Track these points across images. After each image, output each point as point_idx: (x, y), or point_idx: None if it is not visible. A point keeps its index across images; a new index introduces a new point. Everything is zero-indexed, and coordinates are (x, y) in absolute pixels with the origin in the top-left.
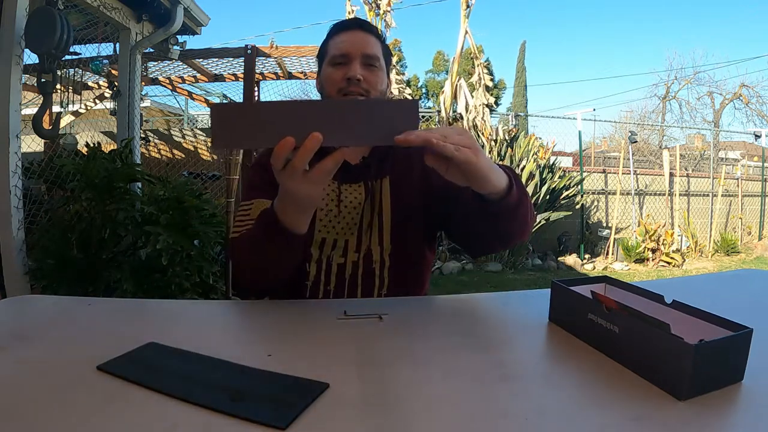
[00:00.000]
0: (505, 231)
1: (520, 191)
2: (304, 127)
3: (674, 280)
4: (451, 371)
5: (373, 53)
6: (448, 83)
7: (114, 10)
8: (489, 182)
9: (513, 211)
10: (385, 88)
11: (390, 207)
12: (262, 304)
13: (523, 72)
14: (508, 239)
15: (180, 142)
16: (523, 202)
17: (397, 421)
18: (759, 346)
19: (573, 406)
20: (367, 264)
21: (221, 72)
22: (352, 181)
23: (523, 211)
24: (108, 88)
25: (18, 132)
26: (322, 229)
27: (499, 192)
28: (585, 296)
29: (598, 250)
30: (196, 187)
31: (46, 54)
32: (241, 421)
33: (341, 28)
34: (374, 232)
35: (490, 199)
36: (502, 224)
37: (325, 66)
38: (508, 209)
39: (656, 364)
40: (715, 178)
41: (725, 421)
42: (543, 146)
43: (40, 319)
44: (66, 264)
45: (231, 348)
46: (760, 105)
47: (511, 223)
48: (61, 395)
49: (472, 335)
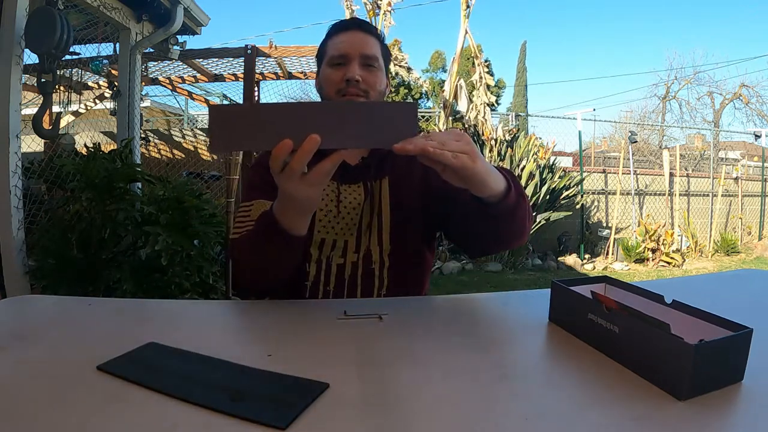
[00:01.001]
0: (503, 233)
1: (518, 194)
2: (303, 128)
3: (674, 280)
4: (451, 371)
5: (372, 53)
6: (447, 83)
7: (114, 10)
8: (486, 186)
9: (511, 214)
10: (384, 88)
11: (389, 207)
12: (262, 304)
13: (523, 72)
14: (507, 241)
15: (180, 142)
16: (521, 205)
17: (397, 421)
18: (759, 346)
19: (573, 406)
20: (367, 264)
21: (221, 72)
22: (352, 182)
23: (521, 214)
24: (108, 88)
25: (18, 132)
26: (321, 229)
27: (497, 195)
28: (585, 296)
29: (598, 250)
30: (196, 187)
31: (46, 54)
32: (241, 421)
33: (340, 28)
34: (373, 233)
35: (488, 201)
36: (500, 226)
37: (323, 67)
38: (506, 211)
39: (656, 364)
40: (715, 178)
41: (725, 421)
42: (543, 146)
43: (40, 319)
44: (66, 264)
45: (231, 348)
46: (760, 105)
47: (510, 225)
48: (61, 395)
49: (472, 335)
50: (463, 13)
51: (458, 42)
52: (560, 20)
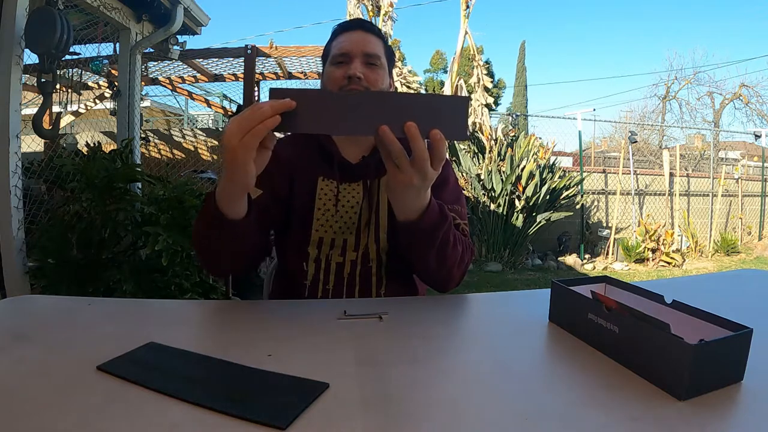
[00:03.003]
0: (422, 258)
1: (445, 228)
2: (359, 116)
3: (674, 280)
4: (451, 371)
5: (374, 52)
6: (447, 83)
7: (114, 10)
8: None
9: (427, 237)
10: (386, 86)
11: (387, 205)
12: (262, 304)
13: (523, 72)
14: (425, 268)
15: (180, 142)
16: (444, 237)
17: (397, 421)
18: (759, 346)
19: (573, 406)
20: (365, 262)
21: (221, 72)
22: (351, 180)
23: (442, 245)
24: (108, 88)
25: (18, 132)
26: (319, 228)
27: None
28: (585, 296)
29: (598, 250)
30: (196, 187)
31: (46, 54)
32: (241, 421)
33: (343, 29)
34: (371, 231)
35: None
36: (417, 249)
37: (327, 66)
38: (422, 233)
39: (656, 364)
40: (715, 178)
41: (725, 421)
42: (543, 146)
43: (40, 319)
44: (66, 264)
45: (231, 348)
46: (760, 105)
47: (427, 251)
48: (61, 395)
49: (472, 335)
50: (462, 13)
51: (458, 42)
52: (560, 20)
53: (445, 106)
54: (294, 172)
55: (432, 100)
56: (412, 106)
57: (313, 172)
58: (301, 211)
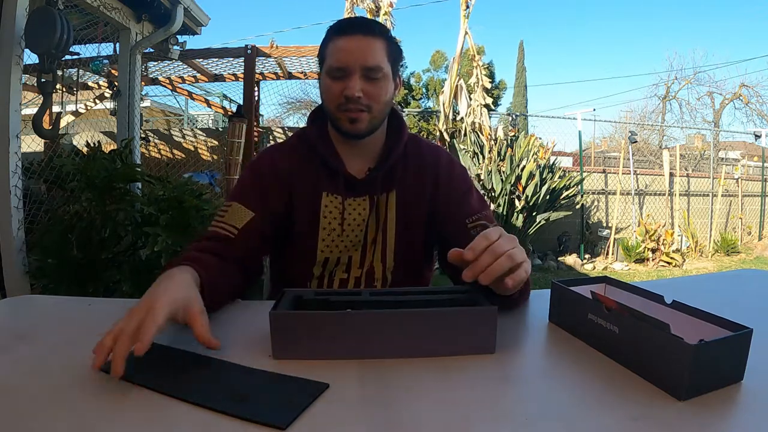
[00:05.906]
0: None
1: (526, 295)
2: (370, 338)
3: (674, 280)
4: (451, 371)
5: (375, 64)
6: (447, 83)
7: (114, 10)
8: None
9: (512, 304)
10: (390, 97)
11: (395, 223)
12: (262, 304)
13: (522, 72)
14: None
15: (180, 142)
16: (518, 304)
17: (397, 421)
18: (759, 346)
19: (573, 406)
20: (370, 281)
21: (221, 72)
22: (357, 195)
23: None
24: (108, 88)
25: (18, 132)
26: (324, 249)
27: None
28: (585, 296)
29: (598, 250)
30: (196, 187)
31: (46, 54)
32: (241, 421)
33: (341, 30)
34: (377, 249)
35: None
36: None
37: (323, 75)
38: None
39: (656, 364)
40: (715, 178)
41: (725, 421)
42: (543, 146)
43: (40, 319)
44: (66, 264)
45: (231, 348)
46: (760, 105)
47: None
48: (61, 395)
49: None
50: (462, 13)
51: (458, 42)
52: (560, 20)
53: (475, 318)
54: (293, 186)
55: (460, 316)
56: (436, 325)
57: (315, 186)
58: (304, 228)
